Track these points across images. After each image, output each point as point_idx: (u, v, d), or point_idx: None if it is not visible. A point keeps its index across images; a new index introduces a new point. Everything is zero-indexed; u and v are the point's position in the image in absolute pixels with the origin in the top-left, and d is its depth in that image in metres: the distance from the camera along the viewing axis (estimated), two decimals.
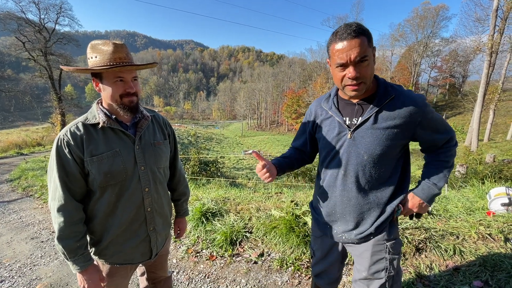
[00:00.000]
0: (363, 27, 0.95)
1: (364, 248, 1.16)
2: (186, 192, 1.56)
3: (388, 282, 1.13)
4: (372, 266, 1.14)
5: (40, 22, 21.49)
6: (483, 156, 8.14)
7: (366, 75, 0.98)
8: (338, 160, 1.14)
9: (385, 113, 1.04)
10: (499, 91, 20.25)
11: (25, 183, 7.10)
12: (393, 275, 1.14)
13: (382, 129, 1.04)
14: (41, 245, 3.33)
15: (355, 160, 1.09)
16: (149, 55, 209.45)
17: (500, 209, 2.67)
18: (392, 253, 1.12)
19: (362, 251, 1.17)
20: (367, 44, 0.94)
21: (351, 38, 0.92)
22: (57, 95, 21.99)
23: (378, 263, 1.13)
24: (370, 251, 1.14)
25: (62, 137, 1.03)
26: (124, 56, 1.04)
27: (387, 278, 1.12)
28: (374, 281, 1.15)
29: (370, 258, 1.14)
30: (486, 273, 1.93)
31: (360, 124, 1.07)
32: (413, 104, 1.02)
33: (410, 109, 1.02)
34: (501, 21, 16.40)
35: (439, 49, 46.42)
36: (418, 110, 1.02)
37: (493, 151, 13.39)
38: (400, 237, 1.21)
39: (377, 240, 1.13)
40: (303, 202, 3.19)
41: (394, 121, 1.02)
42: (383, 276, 1.13)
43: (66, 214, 1.03)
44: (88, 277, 1.10)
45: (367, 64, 0.96)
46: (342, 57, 0.95)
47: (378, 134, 1.04)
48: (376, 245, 1.13)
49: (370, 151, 1.06)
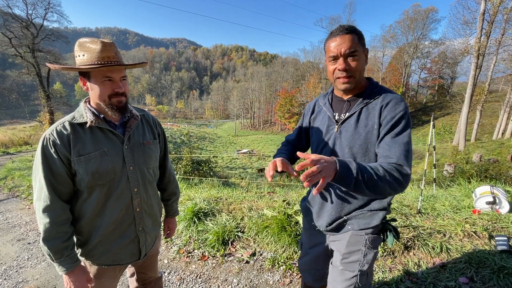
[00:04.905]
0: (356, 28, 1.06)
1: (343, 237, 1.19)
2: (176, 192, 1.55)
3: (359, 277, 1.12)
4: (346, 255, 1.15)
5: (27, 18, 20.87)
6: (470, 156, 8.38)
7: (355, 69, 1.05)
8: (325, 153, 1.19)
9: (369, 110, 1.08)
10: (485, 93, 20.82)
11: (12, 183, 6.90)
12: (366, 271, 1.13)
13: (364, 125, 1.08)
14: (28, 247, 3.25)
15: (339, 153, 1.14)
16: (141, 53, 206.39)
17: (485, 207, 2.75)
18: (368, 246, 1.12)
19: (340, 239, 1.20)
20: (357, 41, 1.04)
21: (343, 34, 1.04)
22: (45, 93, 21.44)
23: (353, 254, 1.14)
24: (347, 240, 1.16)
25: (48, 136, 1.01)
26: (113, 55, 1.02)
27: (358, 271, 1.12)
28: (345, 272, 1.15)
29: (345, 247, 1.16)
30: (471, 269, 1.99)
31: (346, 119, 1.13)
32: (392, 103, 1.05)
33: (387, 107, 1.05)
34: (488, 24, 16.88)
35: (429, 50, 47.49)
36: (390, 108, 1.04)
37: (479, 151, 13.78)
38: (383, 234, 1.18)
39: (356, 231, 1.15)
40: (295, 202, 3.21)
41: (374, 119, 1.06)
42: (355, 269, 1.12)
43: (52, 214, 1.01)
44: (75, 278, 1.08)
45: (357, 59, 1.05)
46: (333, 50, 1.05)
47: (359, 130, 1.09)
48: (354, 235, 1.15)
49: (350, 145, 1.10)
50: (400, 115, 1.02)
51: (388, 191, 0.94)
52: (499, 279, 1.85)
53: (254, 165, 22.71)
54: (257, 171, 18.57)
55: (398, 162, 0.97)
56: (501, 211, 2.69)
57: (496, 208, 2.71)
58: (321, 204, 1.25)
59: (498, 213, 2.65)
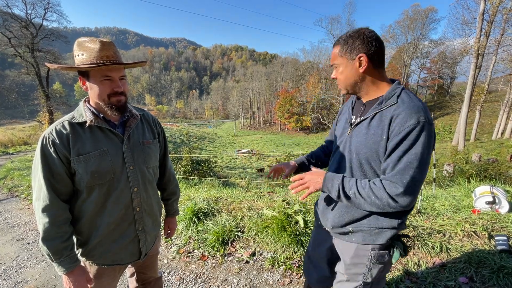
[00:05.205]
0: (343, 37, 1.06)
1: (348, 247, 1.15)
2: (176, 191, 1.55)
3: (363, 286, 1.12)
4: (350, 266, 1.15)
5: (26, 18, 20.85)
6: (469, 156, 8.39)
7: (338, 79, 1.11)
8: (337, 155, 1.20)
9: (382, 118, 0.99)
10: (485, 92, 20.83)
11: (11, 183, 6.89)
12: (370, 282, 1.12)
13: (373, 133, 1.01)
14: (27, 247, 3.25)
15: (347, 157, 1.12)
16: (141, 53, 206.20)
17: (484, 207, 2.75)
18: (374, 262, 1.08)
19: (346, 248, 1.17)
20: (338, 53, 1.08)
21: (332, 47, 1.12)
22: (44, 93, 21.41)
23: (357, 266, 1.12)
24: (352, 251, 1.13)
25: (47, 136, 1.01)
26: (112, 54, 1.02)
27: (362, 282, 1.12)
28: (348, 282, 1.16)
29: (350, 258, 1.14)
30: (471, 269, 1.99)
31: (358, 123, 1.09)
32: (403, 115, 0.93)
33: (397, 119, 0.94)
34: (487, 24, 16.87)
35: (428, 50, 47.43)
36: (400, 121, 0.92)
37: (479, 151, 13.78)
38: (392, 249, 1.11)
39: (362, 245, 1.10)
40: (294, 201, 3.21)
41: (384, 129, 0.98)
42: (359, 280, 1.12)
43: (51, 214, 1.01)
44: (74, 278, 1.08)
45: (338, 70, 1.10)
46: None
47: (368, 136, 1.03)
48: (359, 249, 1.11)
49: (357, 151, 1.07)
50: (408, 130, 0.90)
51: (376, 210, 0.98)
52: (499, 278, 1.85)
53: (254, 165, 22.69)
54: (257, 171, 18.55)
55: (394, 186, 0.91)
56: (501, 210, 2.69)
57: (495, 207, 2.72)
58: (324, 206, 1.25)
59: (498, 213, 2.65)
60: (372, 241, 1.07)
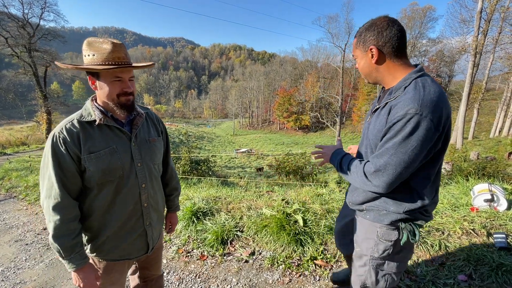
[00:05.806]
0: (360, 30, 1.13)
1: (362, 222, 1.28)
2: (178, 187, 1.61)
3: (371, 264, 1.21)
4: (363, 239, 1.26)
5: (23, 17, 20.76)
6: (467, 154, 8.42)
7: (360, 69, 1.18)
8: (361, 138, 1.30)
9: (387, 107, 1.02)
10: (482, 91, 20.88)
11: (9, 184, 6.85)
12: (377, 258, 1.19)
13: (379, 121, 1.06)
14: (25, 248, 3.23)
15: (365, 141, 1.21)
16: (139, 53, 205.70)
17: (483, 205, 2.76)
18: (380, 238, 1.17)
19: (361, 223, 1.30)
20: (355, 46, 1.15)
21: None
22: (42, 93, 21.33)
23: (368, 240, 1.23)
24: (365, 227, 1.25)
25: (57, 134, 1.03)
26: (123, 56, 1.05)
27: (370, 256, 1.21)
28: (361, 252, 1.27)
29: (363, 233, 1.27)
30: (470, 267, 1.99)
31: (374, 110, 1.16)
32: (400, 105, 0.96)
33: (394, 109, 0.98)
34: (485, 22, 16.90)
35: (426, 49, 47.50)
36: (394, 110, 0.96)
37: (477, 149, 13.85)
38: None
39: (371, 222, 1.21)
40: (294, 200, 3.21)
41: (384, 118, 1.02)
42: (368, 253, 1.22)
43: (63, 211, 1.03)
44: (84, 275, 1.10)
45: (358, 61, 1.17)
46: None
47: (376, 124, 1.09)
48: (371, 225, 1.22)
49: (370, 137, 1.13)
50: (395, 121, 0.94)
51: (358, 186, 1.13)
52: (498, 276, 1.86)
53: (253, 164, 22.67)
54: (256, 170, 18.56)
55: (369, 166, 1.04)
56: (499, 208, 2.70)
57: (494, 205, 2.73)
58: (351, 186, 1.36)
59: (496, 211, 2.66)
60: (380, 220, 1.17)
